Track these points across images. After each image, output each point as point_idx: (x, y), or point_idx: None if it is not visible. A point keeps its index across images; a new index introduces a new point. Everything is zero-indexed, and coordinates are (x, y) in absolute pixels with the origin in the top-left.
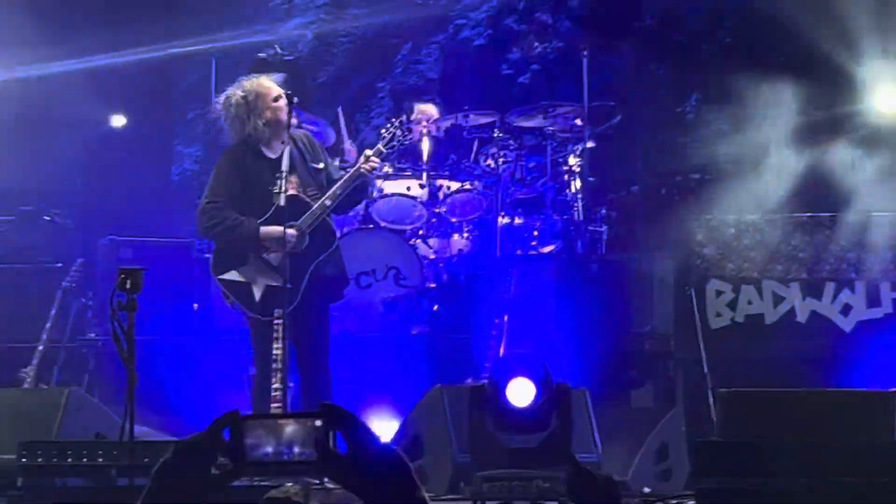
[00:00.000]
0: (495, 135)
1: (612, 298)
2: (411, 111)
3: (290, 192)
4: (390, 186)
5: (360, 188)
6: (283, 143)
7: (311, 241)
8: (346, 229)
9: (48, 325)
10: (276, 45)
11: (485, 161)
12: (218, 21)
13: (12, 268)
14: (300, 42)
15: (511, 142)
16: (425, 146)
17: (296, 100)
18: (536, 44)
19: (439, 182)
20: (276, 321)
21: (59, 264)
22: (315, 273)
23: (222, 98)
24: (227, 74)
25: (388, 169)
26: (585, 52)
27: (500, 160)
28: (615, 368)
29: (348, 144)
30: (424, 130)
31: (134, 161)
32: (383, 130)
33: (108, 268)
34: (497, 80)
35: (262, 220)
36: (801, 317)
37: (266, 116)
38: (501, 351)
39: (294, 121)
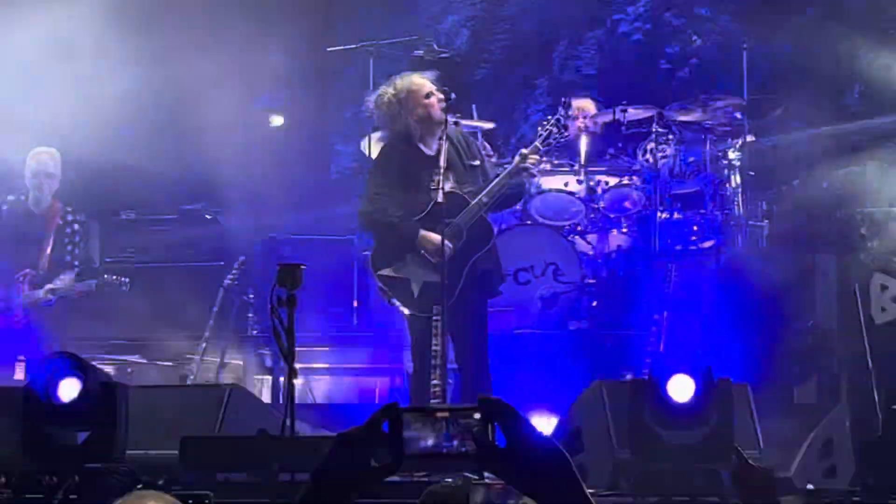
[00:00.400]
0: (653, 129)
1: (774, 293)
2: (569, 107)
3: (448, 188)
4: (548, 182)
5: (518, 186)
6: (439, 139)
7: (468, 238)
8: (504, 226)
9: (210, 322)
10: (433, 42)
11: (643, 156)
12: (375, 19)
13: (175, 266)
14: (457, 39)
15: (669, 136)
16: (583, 142)
17: (452, 96)
18: (695, 37)
19: (597, 177)
20: (435, 317)
21: (221, 262)
22: (472, 269)
23: (374, 96)
24: (385, 72)
25: (545, 165)
26: (745, 45)
27: (659, 155)
28: (777, 364)
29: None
30: (582, 126)
31: (293, 160)
32: (539, 128)
33: (269, 265)
34: (655, 74)
35: (420, 216)
36: None
37: (418, 113)
38: (661, 346)
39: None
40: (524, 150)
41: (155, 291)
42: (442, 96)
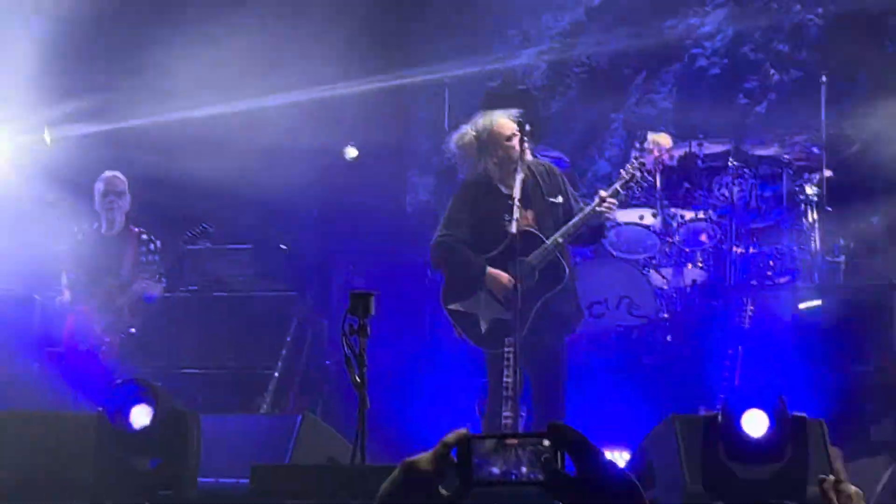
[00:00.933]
0: (730, 163)
1: (850, 329)
2: (644, 140)
3: (524, 226)
4: (623, 215)
5: (596, 228)
6: (518, 175)
7: (540, 277)
8: (578, 258)
9: (284, 351)
10: (508, 75)
11: (719, 190)
12: (452, 50)
13: (250, 295)
14: (534, 72)
15: (746, 170)
16: (658, 175)
17: (528, 128)
18: (773, 72)
19: (673, 211)
20: (507, 350)
21: (294, 292)
22: (545, 308)
23: (455, 136)
24: (461, 104)
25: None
26: (823, 80)
27: (735, 189)
28: (853, 401)
29: None
30: (657, 159)
31: (369, 190)
32: (622, 171)
33: (343, 295)
34: (732, 109)
35: (494, 253)
36: None
37: (498, 155)
38: (736, 381)
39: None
40: (603, 193)
41: (228, 320)
42: (525, 139)
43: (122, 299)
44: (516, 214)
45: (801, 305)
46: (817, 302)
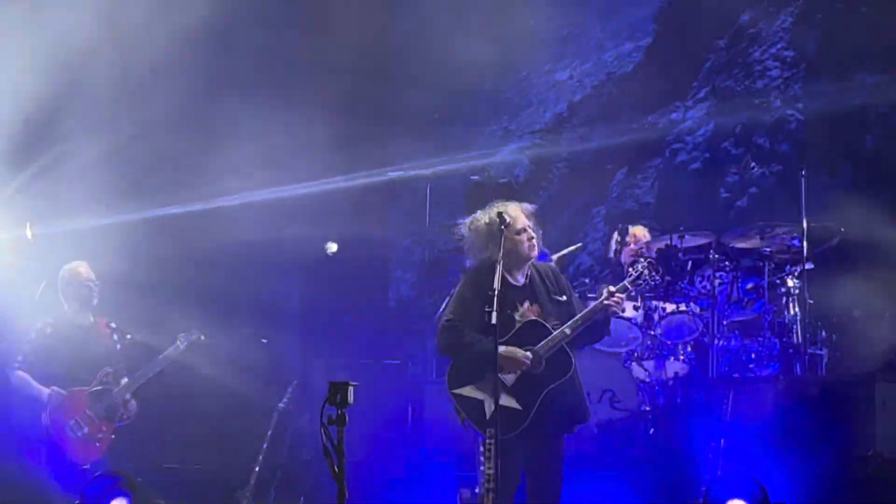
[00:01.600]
0: (711, 256)
1: (833, 421)
2: (625, 233)
3: (531, 317)
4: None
5: (602, 323)
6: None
7: (546, 367)
8: None
9: (265, 445)
10: (491, 169)
11: (700, 283)
12: (435, 146)
13: (231, 389)
14: (516, 167)
15: (727, 263)
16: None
17: (507, 219)
18: (754, 165)
19: (654, 304)
20: (488, 441)
21: (275, 385)
22: (549, 400)
23: (468, 220)
24: (442, 200)
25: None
26: (803, 173)
27: (716, 282)
28: (836, 492)
29: None
30: (636, 252)
31: (352, 284)
32: (631, 268)
33: (324, 389)
34: (713, 202)
35: (501, 340)
36: None
37: (506, 247)
38: (719, 474)
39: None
40: (611, 288)
41: (210, 414)
42: (534, 235)
43: (118, 388)
44: (495, 305)
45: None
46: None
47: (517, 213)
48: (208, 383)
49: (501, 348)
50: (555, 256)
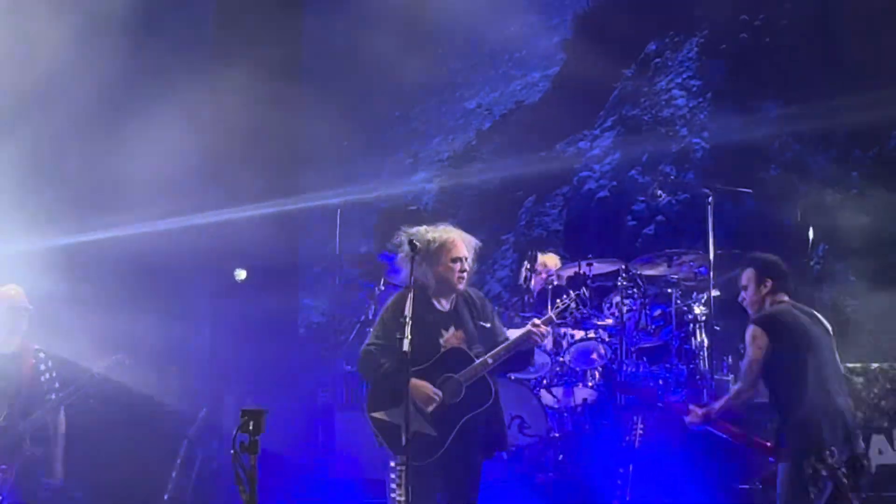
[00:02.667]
0: (619, 283)
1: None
2: (534, 261)
3: (455, 344)
4: (514, 334)
5: (526, 353)
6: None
7: (466, 394)
8: None
9: (174, 473)
10: (400, 197)
11: (609, 309)
12: (345, 174)
13: (141, 417)
14: (424, 196)
15: (635, 290)
16: (548, 296)
17: (418, 245)
18: (661, 193)
19: (563, 331)
20: (399, 467)
21: (185, 412)
22: (468, 427)
23: (415, 229)
24: (352, 228)
25: (512, 317)
26: (710, 200)
27: (625, 309)
28: None
29: None
30: (546, 280)
31: (261, 312)
32: (558, 300)
33: (235, 415)
34: (621, 230)
35: (425, 366)
36: None
37: (438, 271)
38: (627, 498)
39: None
40: (536, 320)
41: (119, 441)
42: (467, 269)
43: (23, 425)
44: (407, 332)
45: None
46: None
47: (460, 242)
48: (119, 410)
49: (413, 381)
50: None
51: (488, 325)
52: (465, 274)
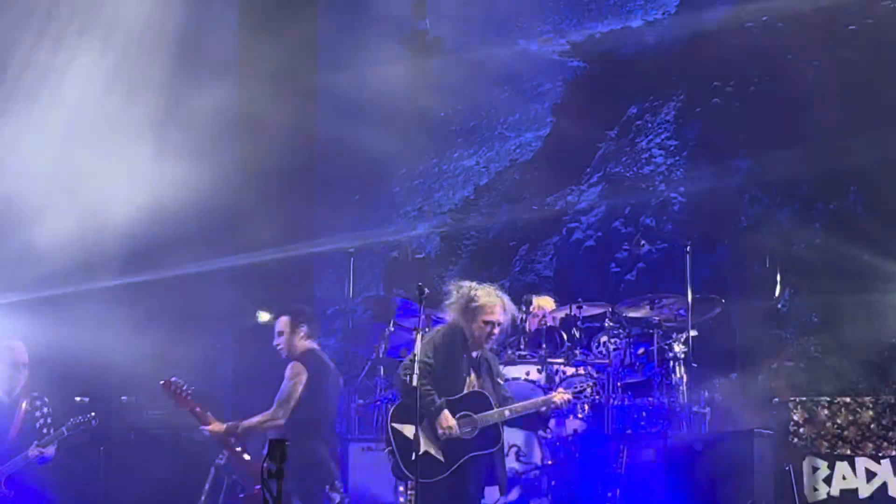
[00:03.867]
0: (606, 324)
1: (716, 474)
2: (530, 303)
3: (477, 388)
4: (511, 371)
5: (542, 417)
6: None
7: (478, 434)
8: None
9: (202, 499)
10: (408, 245)
11: (597, 348)
12: (356, 221)
13: (170, 444)
14: (429, 244)
15: (621, 331)
16: (542, 335)
17: (426, 291)
18: (644, 243)
19: (555, 367)
20: (409, 492)
21: (211, 442)
22: (472, 462)
23: (466, 283)
24: (363, 273)
25: (510, 356)
26: (688, 250)
27: (611, 347)
28: None
29: None
30: (541, 321)
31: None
32: (578, 382)
33: (258, 448)
34: (606, 275)
35: (451, 399)
36: (894, 491)
37: (472, 328)
38: None
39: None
40: (561, 390)
41: (147, 467)
42: (495, 334)
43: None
44: (414, 374)
45: None
46: None
47: (496, 307)
48: (148, 439)
49: (445, 412)
50: None
51: (500, 381)
52: (494, 336)
